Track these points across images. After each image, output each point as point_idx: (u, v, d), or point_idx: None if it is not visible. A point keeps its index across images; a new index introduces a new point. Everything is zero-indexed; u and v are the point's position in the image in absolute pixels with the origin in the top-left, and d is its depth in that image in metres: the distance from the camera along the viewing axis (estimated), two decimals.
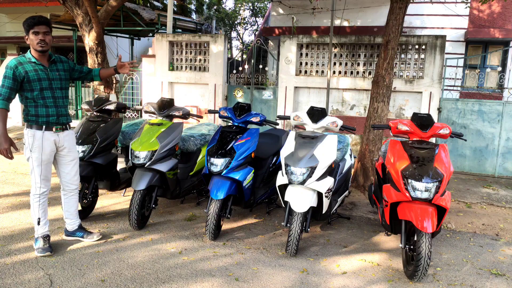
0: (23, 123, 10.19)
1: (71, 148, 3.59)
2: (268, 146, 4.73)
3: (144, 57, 9.31)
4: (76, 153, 3.68)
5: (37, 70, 3.33)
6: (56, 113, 3.42)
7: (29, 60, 3.33)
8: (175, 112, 4.43)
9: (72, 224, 3.78)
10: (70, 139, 3.58)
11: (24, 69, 3.28)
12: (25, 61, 3.32)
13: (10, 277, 3.07)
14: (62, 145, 3.51)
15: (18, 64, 3.28)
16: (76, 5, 6.63)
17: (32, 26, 3.27)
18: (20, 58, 3.34)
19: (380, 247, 4.01)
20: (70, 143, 3.58)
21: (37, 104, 3.34)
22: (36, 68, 3.33)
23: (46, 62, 3.42)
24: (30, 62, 3.33)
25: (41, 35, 3.28)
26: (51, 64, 3.45)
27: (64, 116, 3.50)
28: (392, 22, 5.61)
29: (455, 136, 3.72)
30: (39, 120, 3.35)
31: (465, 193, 6.02)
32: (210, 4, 19.37)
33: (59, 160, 3.58)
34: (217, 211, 3.79)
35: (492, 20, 11.00)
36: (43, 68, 3.37)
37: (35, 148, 3.35)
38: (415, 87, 7.51)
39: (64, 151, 3.55)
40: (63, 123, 3.49)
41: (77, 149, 4.11)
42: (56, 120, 3.43)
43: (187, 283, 3.11)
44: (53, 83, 3.42)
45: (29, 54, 3.36)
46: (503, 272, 3.53)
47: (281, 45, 8.25)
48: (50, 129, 3.39)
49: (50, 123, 3.39)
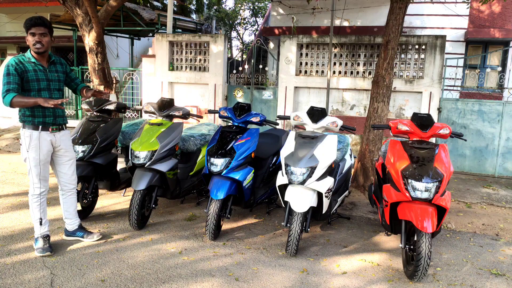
0: None
1: (67, 148, 3.60)
2: (268, 146, 4.73)
3: (144, 57, 9.31)
4: (72, 153, 3.68)
5: (36, 71, 3.33)
6: (52, 114, 3.41)
7: (29, 60, 3.34)
8: (175, 112, 4.43)
9: (71, 224, 3.78)
10: (66, 139, 3.59)
11: (24, 68, 3.28)
12: (25, 60, 3.32)
13: (10, 277, 3.07)
14: (59, 145, 3.51)
15: (19, 62, 3.29)
16: (76, 5, 6.62)
17: (30, 27, 3.28)
18: (20, 57, 3.34)
19: (380, 247, 4.01)
20: (66, 143, 3.58)
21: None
22: (35, 68, 3.33)
23: (46, 63, 3.42)
24: (30, 62, 3.33)
25: (38, 37, 3.28)
26: (51, 65, 3.46)
27: (61, 117, 3.51)
28: (392, 22, 5.61)
29: (455, 136, 3.72)
30: (35, 121, 3.35)
31: (465, 193, 6.02)
32: (210, 4, 19.37)
33: (56, 160, 3.58)
34: (217, 211, 3.79)
35: (492, 20, 11.00)
36: (43, 68, 3.38)
37: (32, 148, 3.35)
38: (415, 87, 7.51)
39: (61, 151, 3.55)
40: (60, 123, 3.50)
41: (77, 149, 4.13)
42: (53, 120, 3.43)
43: (187, 283, 3.11)
44: (51, 84, 3.43)
45: (29, 54, 3.36)
46: (503, 272, 3.53)
47: (281, 45, 8.25)
48: (46, 129, 3.39)
49: (47, 123, 3.39)
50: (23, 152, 3.39)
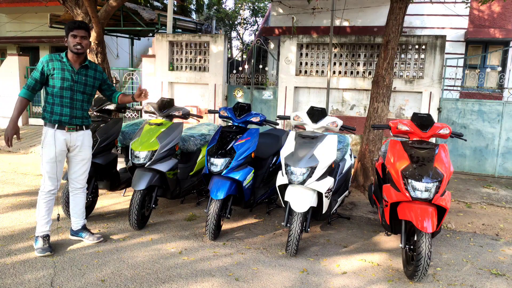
0: (24, 122, 10.21)
1: (82, 148, 3.62)
2: (268, 146, 4.73)
3: (144, 57, 9.31)
4: (88, 153, 3.70)
5: (64, 70, 3.44)
6: (69, 114, 3.48)
7: (61, 59, 3.46)
8: (175, 112, 4.43)
9: (76, 223, 3.80)
10: (84, 139, 3.62)
11: (53, 65, 3.42)
12: (57, 58, 3.46)
13: (10, 277, 3.07)
14: (74, 145, 3.56)
15: (50, 60, 3.44)
16: (76, 5, 6.63)
17: (72, 29, 3.43)
18: (54, 55, 3.48)
19: (380, 247, 4.01)
20: (83, 143, 3.61)
21: (54, 102, 3.44)
22: (63, 67, 3.44)
23: (78, 65, 3.52)
24: (60, 61, 3.46)
25: (79, 39, 3.43)
26: (81, 69, 3.54)
27: (79, 118, 3.55)
28: (392, 22, 5.61)
29: (455, 136, 3.72)
30: (52, 118, 3.44)
31: (465, 193, 6.02)
32: (210, 4, 19.36)
33: (70, 159, 3.65)
34: (217, 211, 3.79)
35: (492, 20, 11.00)
36: (71, 69, 3.47)
37: (46, 144, 3.44)
38: (415, 87, 7.51)
39: (75, 150, 3.59)
40: (77, 124, 3.54)
41: None
42: (69, 120, 3.49)
43: (187, 283, 3.11)
44: (76, 86, 3.49)
45: (64, 54, 3.49)
46: (503, 272, 3.53)
47: (281, 45, 8.25)
48: (62, 128, 3.47)
49: (63, 122, 3.46)
50: (40, 147, 3.51)
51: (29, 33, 13.08)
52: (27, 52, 12.76)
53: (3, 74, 10.14)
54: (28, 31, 13.09)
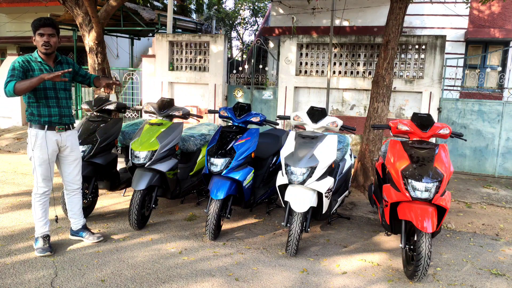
0: (24, 123, 10.22)
1: (73, 148, 3.60)
2: (268, 146, 4.73)
3: (144, 57, 9.31)
4: (78, 153, 3.69)
5: (42, 70, 3.35)
6: (58, 113, 3.43)
7: (36, 60, 3.36)
8: (175, 112, 4.43)
9: (76, 223, 3.80)
10: (72, 139, 3.59)
11: (30, 67, 3.31)
12: (31, 59, 3.35)
13: (10, 277, 3.07)
14: (64, 145, 3.52)
15: (25, 60, 3.31)
16: (76, 5, 6.63)
17: (38, 28, 3.30)
18: (27, 56, 3.37)
19: (380, 247, 4.01)
20: (72, 143, 3.59)
21: (39, 104, 3.36)
22: (41, 68, 3.36)
23: (52, 63, 3.45)
24: (36, 62, 3.36)
25: (46, 37, 3.31)
26: (57, 65, 3.48)
27: (67, 117, 3.52)
28: (392, 22, 5.61)
29: (455, 136, 3.72)
30: (41, 120, 3.37)
31: (465, 193, 6.02)
32: (210, 4, 19.36)
33: (62, 160, 3.59)
34: (217, 211, 3.79)
35: (492, 20, 11.00)
36: (49, 68, 3.39)
37: (37, 147, 3.37)
38: (415, 87, 7.51)
39: (67, 151, 3.56)
40: (66, 123, 3.50)
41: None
42: (59, 120, 3.44)
43: (187, 283, 3.11)
44: (57, 84, 3.43)
45: (36, 54, 3.39)
46: (503, 272, 3.53)
47: (281, 45, 8.25)
48: (52, 129, 3.41)
49: (53, 122, 3.41)
50: (29, 151, 3.41)
51: (29, 33, 12.97)
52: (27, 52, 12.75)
53: (3, 74, 10.14)
54: (28, 31, 13.04)
